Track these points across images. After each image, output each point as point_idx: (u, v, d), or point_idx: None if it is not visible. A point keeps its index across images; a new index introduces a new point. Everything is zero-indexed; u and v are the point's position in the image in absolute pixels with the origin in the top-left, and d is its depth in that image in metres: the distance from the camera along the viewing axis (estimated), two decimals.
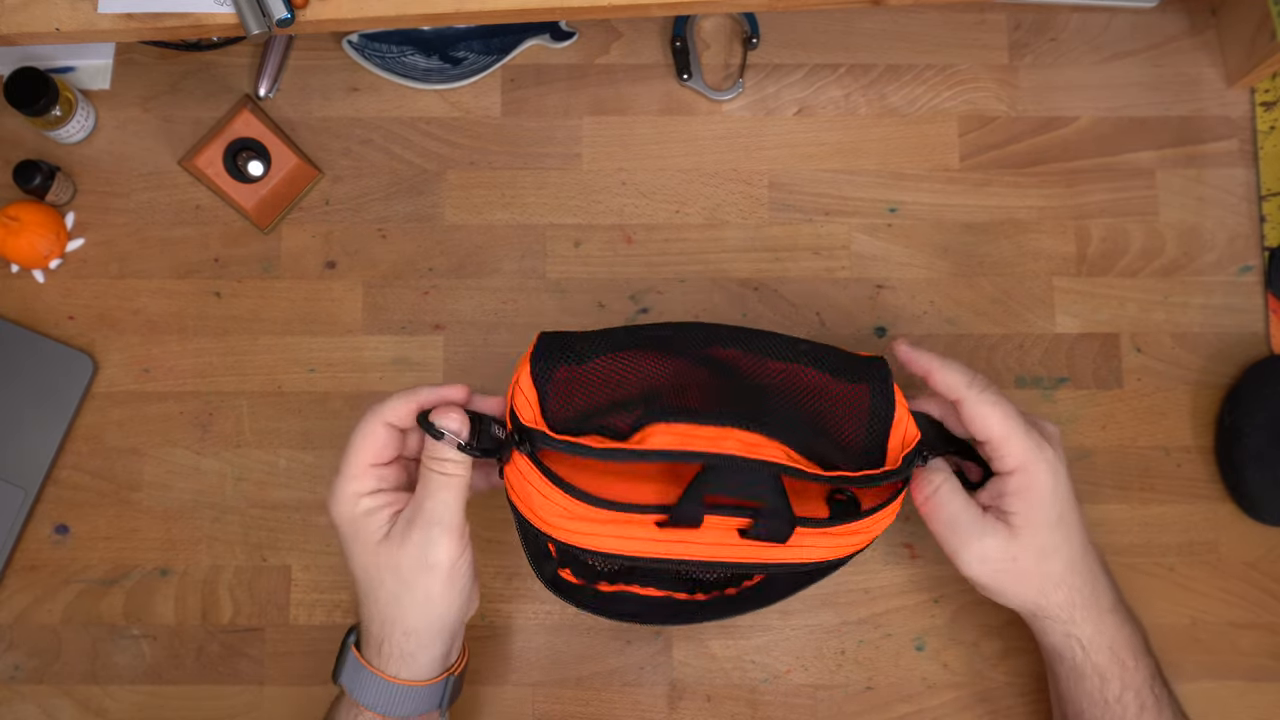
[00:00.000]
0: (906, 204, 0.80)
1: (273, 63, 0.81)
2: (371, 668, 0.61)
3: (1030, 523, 0.63)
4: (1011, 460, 0.62)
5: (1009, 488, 0.63)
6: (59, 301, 0.79)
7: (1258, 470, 0.74)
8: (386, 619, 0.61)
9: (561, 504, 0.58)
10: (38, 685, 0.74)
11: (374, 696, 0.61)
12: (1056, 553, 0.64)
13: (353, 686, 0.62)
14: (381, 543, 0.60)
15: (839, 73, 0.82)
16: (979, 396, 0.62)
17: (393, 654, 0.61)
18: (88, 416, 0.77)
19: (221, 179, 0.78)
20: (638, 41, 0.82)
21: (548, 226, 0.80)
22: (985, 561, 0.63)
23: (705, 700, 0.74)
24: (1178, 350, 0.79)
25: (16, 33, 0.67)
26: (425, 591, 0.59)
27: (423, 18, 0.68)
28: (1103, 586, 0.65)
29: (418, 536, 0.59)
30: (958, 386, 0.63)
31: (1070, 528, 0.64)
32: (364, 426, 0.61)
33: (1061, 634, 0.64)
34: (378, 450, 0.61)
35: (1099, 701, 0.64)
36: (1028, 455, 0.62)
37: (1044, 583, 0.64)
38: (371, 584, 0.60)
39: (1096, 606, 0.64)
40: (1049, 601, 0.64)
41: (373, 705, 0.61)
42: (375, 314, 0.79)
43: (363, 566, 0.61)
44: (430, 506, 0.59)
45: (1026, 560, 0.63)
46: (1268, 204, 0.80)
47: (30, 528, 0.76)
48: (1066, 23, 0.82)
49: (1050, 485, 0.63)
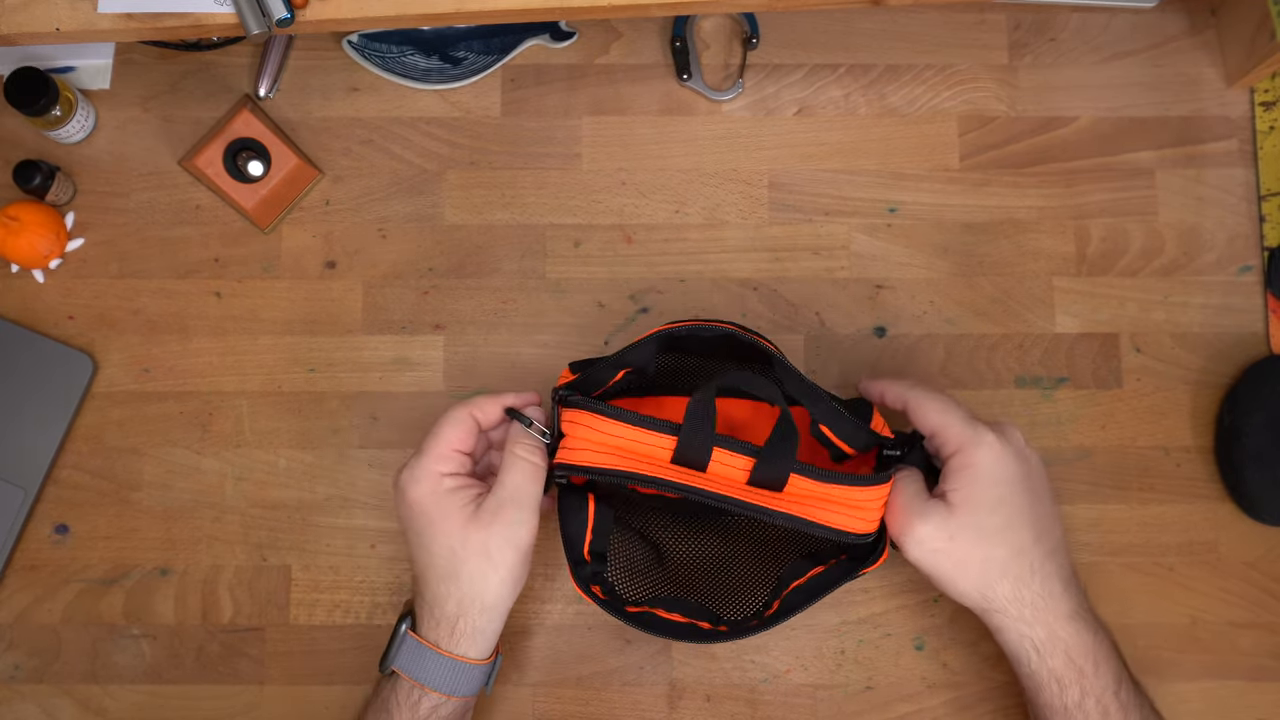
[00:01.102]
0: (906, 204, 0.80)
1: (273, 63, 0.81)
2: (440, 650, 0.64)
3: (967, 500, 0.63)
4: (952, 443, 0.64)
5: (951, 467, 0.64)
6: (59, 301, 0.79)
7: (1257, 470, 0.74)
8: (466, 596, 0.64)
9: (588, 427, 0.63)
10: (38, 685, 0.74)
11: (442, 677, 0.64)
12: (998, 537, 0.63)
13: (415, 670, 0.64)
14: (470, 521, 0.63)
15: (839, 73, 0.82)
16: (919, 394, 0.66)
17: (466, 631, 0.64)
18: (88, 416, 0.77)
19: (221, 179, 0.78)
20: (638, 41, 0.82)
21: (548, 226, 0.80)
22: (923, 542, 0.63)
23: (705, 700, 0.74)
24: (1177, 350, 0.79)
25: (16, 33, 0.67)
26: (509, 569, 0.64)
27: (423, 18, 0.68)
28: (1060, 590, 0.64)
29: (509, 516, 0.63)
30: (902, 392, 0.67)
31: (1018, 515, 0.64)
32: (453, 414, 0.66)
33: (1015, 634, 0.64)
34: (463, 437, 0.66)
35: (1058, 709, 0.63)
36: (964, 437, 0.64)
37: (987, 569, 0.63)
38: (455, 561, 0.63)
39: (1051, 610, 0.63)
40: (995, 593, 0.63)
41: (439, 686, 0.64)
42: (375, 314, 0.79)
43: (446, 545, 0.64)
44: (520, 492, 0.64)
45: (964, 541, 0.63)
46: (1267, 204, 0.80)
47: (30, 527, 0.76)
48: (1066, 23, 0.82)
49: (988, 465, 0.63)
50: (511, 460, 0.65)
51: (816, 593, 0.65)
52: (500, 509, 0.64)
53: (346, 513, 0.76)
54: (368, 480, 0.77)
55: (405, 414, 0.77)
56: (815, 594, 0.65)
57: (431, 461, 0.65)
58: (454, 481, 0.65)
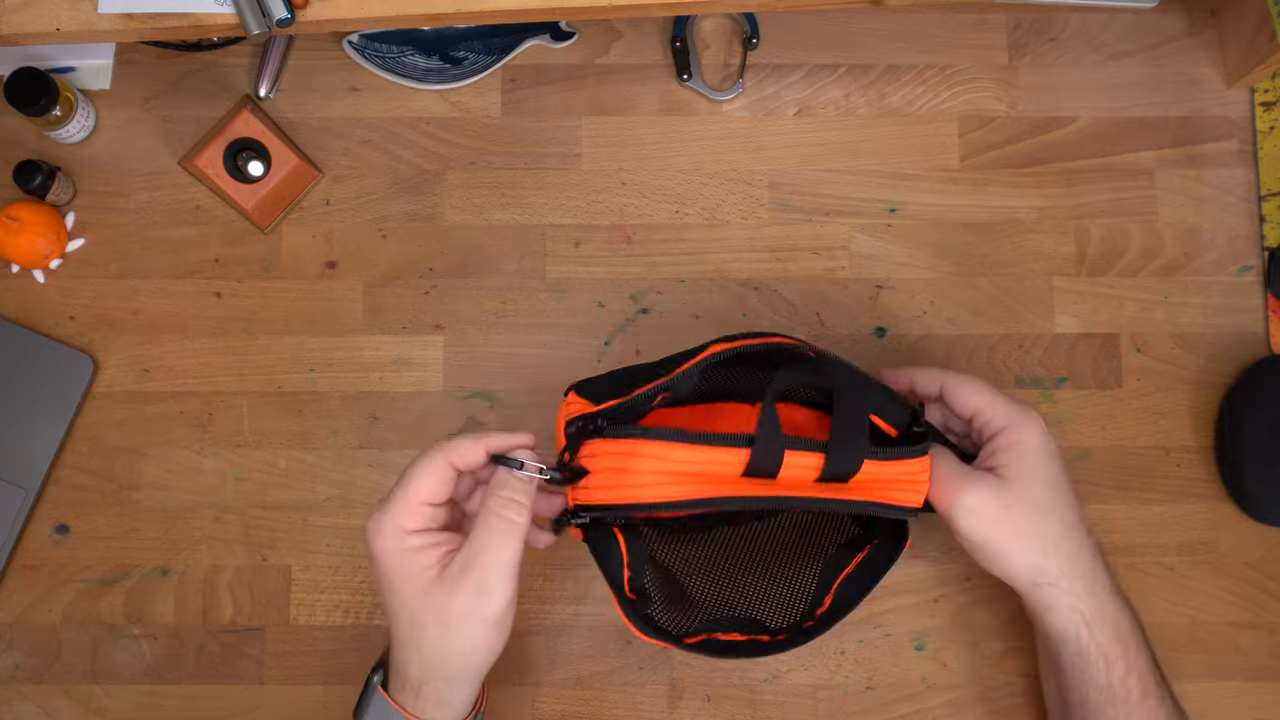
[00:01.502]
0: (906, 204, 0.80)
1: (273, 63, 0.81)
2: (407, 714, 0.59)
3: (1021, 475, 0.63)
4: (998, 420, 0.65)
5: (999, 445, 0.64)
6: (59, 301, 0.79)
7: (1257, 470, 0.74)
8: (428, 663, 0.59)
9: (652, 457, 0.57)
10: (38, 685, 0.74)
11: None
12: (1052, 510, 0.63)
13: None
14: (432, 585, 0.57)
15: (839, 73, 0.82)
16: (956, 378, 0.66)
17: (431, 698, 0.59)
18: (88, 416, 0.77)
19: (221, 179, 0.78)
20: (638, 41, 0.82)
21: (548, 226, 0.80)
22: (978, 512, 0.63)
23: (705, 700, 0.74)
24: (1177, 350, 0.79)
25: (16, 33, 0.67)
26: (472, 640, 0.58)
27: (423, 18, 0.68)
28: (1100, 567, 0.65)
29: (473, 584, 0.57)
30: (936, 378, 0.67)
31: (1065, 495, 0.64)
32: (426, 462, 0.59)
33: (1066, 608, 0.63)
34: (435, 489, 0.59)
35: (1103, 686, 0.63)
36: (1012, 415, 0.64)
37: (1042, 542, 0.63)
38: (415, 626, 0.58)
39: (1098, 582, 0.64)
40: (1048, 564, 0.63)
41: None
42: (375, 314, 0.79)
43: (407, 608, 0.58)
44: (489, 558, 0.57)
45: (1021, 512, 0.63)
46: (1267, 204, 0.80)
47: (30, 528, 0.76)
48: (1066, 23, 0.82)
49: (1039, 442, 0.64)
50: (484, 519, 0.58)
51: (867, 582, 0.65)
52: (464, 576, 0.57)
53: (346, 513, 0.76)
54: (368, 480, 0.77)
55: (405, 414, 0.77)
56: (866, 584, 0.65)
57: (397, 515, 0.58)
58: (419, 540, 0.58)
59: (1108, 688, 0.63)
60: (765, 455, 0.59)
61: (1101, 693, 0.63)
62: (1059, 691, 0.67)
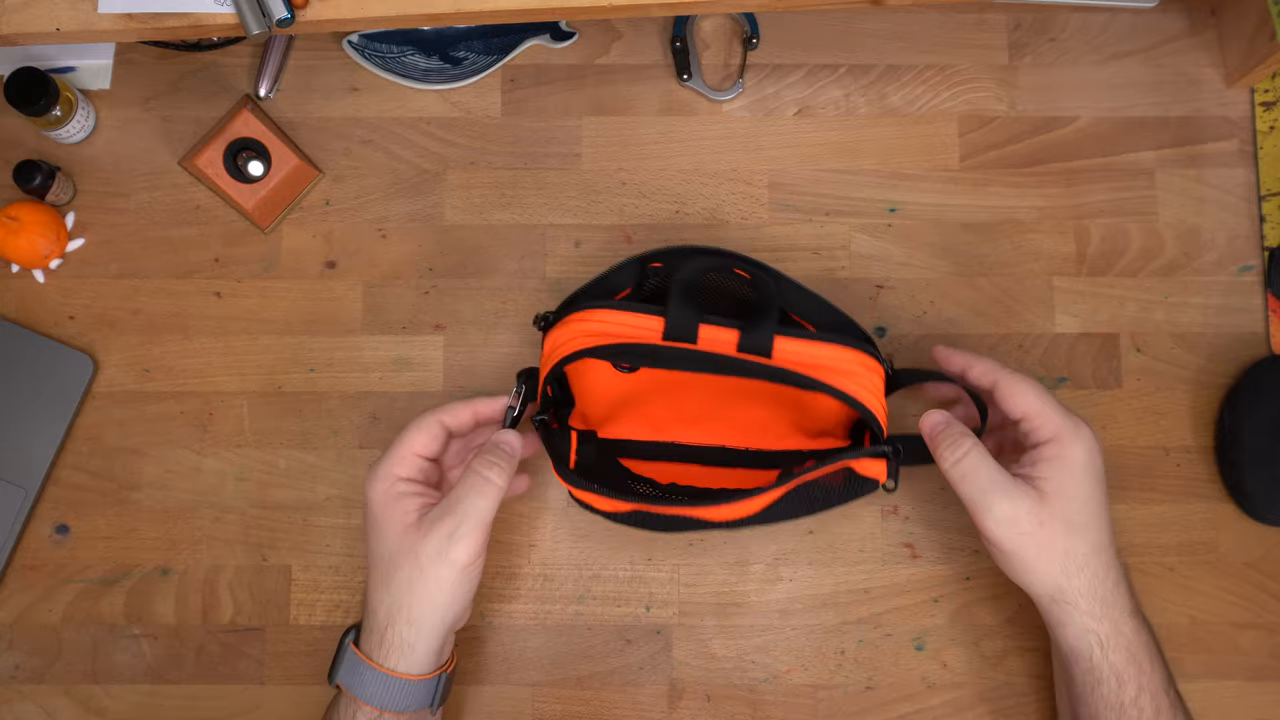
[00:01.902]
0: (906, 204, 0.80)
1: (273, 63, 0.81)
2: (370, 661, 0.62)
3: (1061, 491, 0.63)
4: (1047, 430, 0.64)
5: (1043, 455, 0.64)
6: (59, 301, 0.79)
7: (1257, 470, 0.74)
8: (395, 605, 0.62)
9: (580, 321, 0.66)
10: (38, 685, 0.74)
11: (371, 690, 0.62)
12: (1084, 531, 0.63)
13: (350, 682, 0.63)
14: (411, 527, 0.63)
15: (839, 73, 0.82)
16: (1013, 376, 0.66)
17: (394, 643, 0.62)
18: (88, 416, 0.77)
19: (221, 179, 0.78)
20: (638, 41, 0.82)
21: (548, 226, 0.80)
22: (1011, 523, 0.63)
23: (705, 700, 0.74)
24: (1177, 350, 0.79)
25: (16, 33, 0.67)
26: (437, 582, 0.62)
27: (423, 18, 0.68)
28: (1124, 590, 0.65)
29: (445, 528, 0.62)
30: (993, 370, 0.67)
31: (1099, 515, 0.64)
32: (420, 419, 0.67)
33: (1080, 628, 0.63)
34: (426, 442, 0.66)
35: (1114, 705, 0.63)
36: (1064, 426, 0.64)
37: (1067, 561, 0.63)
38: (389, 567, 0.63)
39: (1117, 605, 0.64)
40: (1070, 584, 0.63)
41: (369, 699, 0.62)
42: (375, 314, 0.79)
43: (386, 547, 0.63)
44: (466, 506, 0.63)
45: (1053, 529, 0.63)
46: (1267, 204, 0.80)
47: (30, 528, 0.76)
48: (1066, 23, 0.82)
49: (1085, 460, 0.64)
50: (467, 475, 0.64)
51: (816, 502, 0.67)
52: (441, 519, 0.62)
53: (346, 513, 0.76)
54: None
55: (405, 414, 0.77)
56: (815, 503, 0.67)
57: (391, 463, 0.65)
58: (407, 486, 0.65)
59: (1119, 706, 0.63)
60: (678, 324, 0.64)
61: (1112, 710, 0.63)
62: (1071, 704, 0.67)
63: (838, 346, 0.65)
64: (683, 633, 0.75)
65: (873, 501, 0.76)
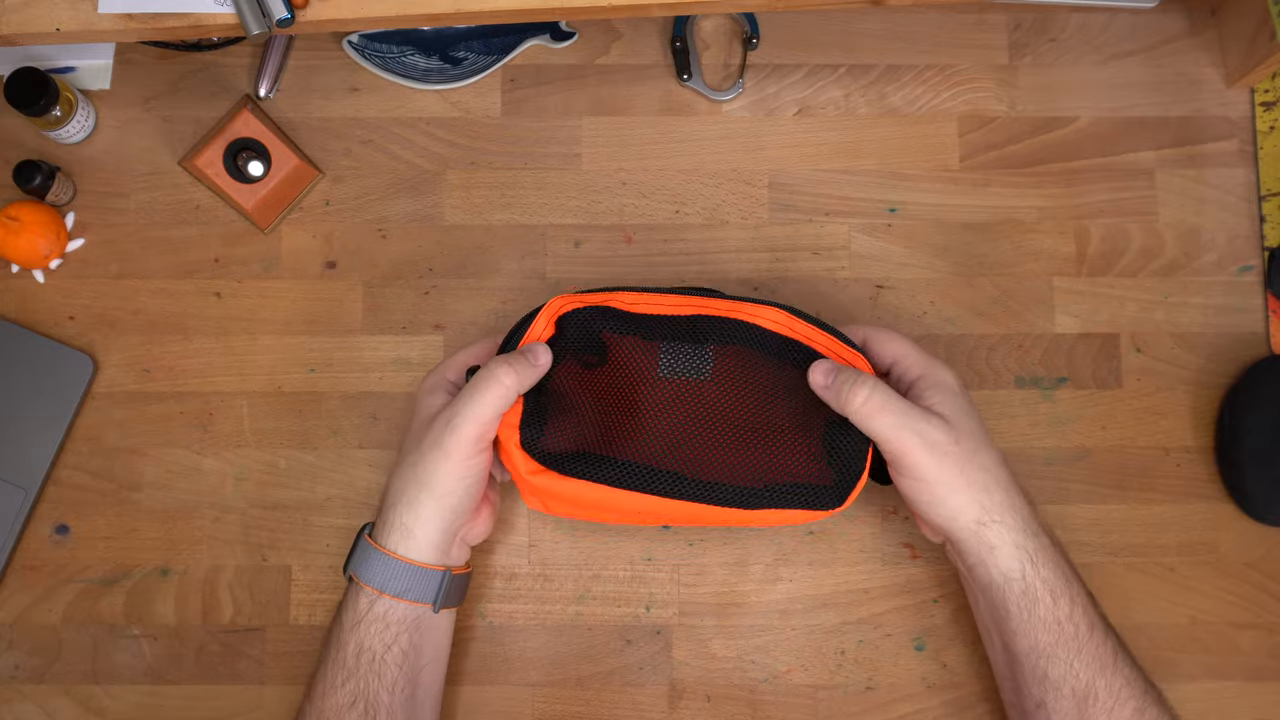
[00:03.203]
0: (906, 204, 0.80)
1: (273, 63, 0.81)
2: (374, 544, 0.65)
3: (955, 412, 0.64)
4: (917, 368, 0.67)
5: (924, 385, 0.66)
6: (59, 301, 0.79)
7: (1257, 470, 0.74)
8: (399, 489, 0.65)
9: None
10: (38, 685, 0.74)
11: (370, 570, 0.65)
12: (986, 447, 0.65)
13: (358, 565, 0.66)
14: (428, 419, 0.66)
15: (839, 73, 0.82)
16: (878, 329, 0.69)
17: (394, 525, 0.65)
18: (88, 416, 0.77)
19: (221, 179, 0.78)
20: (638, 41, 0.82)
21: (548, 226, 0.80)
22: (933, 445, 0.63)
23: (705, 700, 0.74)
24: (1177, 350, 0.79)
25: (16, 33, 0.67)
26: (434, 467, 0.64)
27: (423, 18, 0.68)
28: (1027, 500, 0.65)
29: (446, 417, 0.64)
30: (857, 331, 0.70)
31: (985, 434, 0.66)
32: (479, 342, 0.71)
33: (1011, 545, 0.63)
34: (479, 354, 0.70)
35: (1051, 623, 0.63)
36: (930, 363, 0.67)
37: (984, 476, 0.63)
38: (403, 454, 0.67)
39: (1033, 519, 0.64)
40: (993, 501, 0.63)
41: (369, 579, 0.65)
42: (375, 314, 0.79)
43: (411, 436, 0.67)
44: (468, 398, 0.64)
45: (966, 445, 0.63)
46: (1267, 204, 0.80)
47: (30, 528, 0.76)
48: (1066, 23, 0.82)
49: (958, 385, 0.66)
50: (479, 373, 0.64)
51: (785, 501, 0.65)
52: (444, 411, 0.65)
53: (346, 513, 0.76)
54: (368, 480, 0.77)
55: (405, 414, 0.77)
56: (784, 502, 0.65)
57: (443, 368, 0.69)
58: (451, 387, 0.68)
59: (1056, 624, 0.63)
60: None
61: (1050, 631, 0.63)
62: (1004, 645, 0.65)
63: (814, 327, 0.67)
64: (683, 633, 0.75)
65: (873, 502, 0.76)
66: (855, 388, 0.63)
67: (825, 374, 0.65)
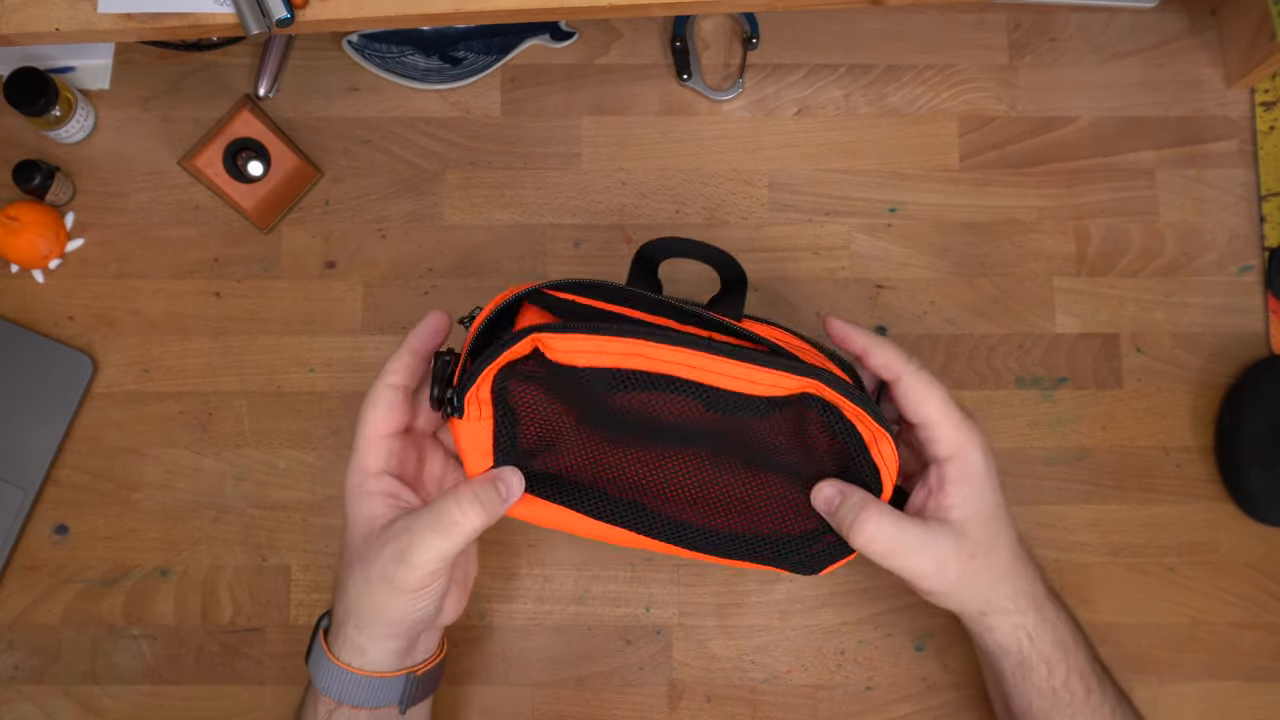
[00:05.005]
0: (906, 204, 0.80)
1: (273, 63, 0.81)
2: (329, 654, 0.61)
3: (972, 515, 0.61)
4: (945, 446, 0.60)
5: (947, 475, 0.61)
6: (59, 301, 0.79)
7: (1258, 470, 0.74)
8: (347, 608, 0.60)
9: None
10: (38, 685, 0.74)
11: (327, 681, 0.61)
12: (999, 541, 0.62)
13: (315, 669, 0.62)
14: (372, 535, 0.59)
15: (839, 73, 0.82)
16: (917, 374, 0.61)
17: (345, 643, 0.60)
18: (88, 416, 0.77)
19: (221, 179, 0.78)
20: (638, 41, 0.82)
21: (548, 226, 0.80)
22: (941, 573, 0.60)
23: (705, 700, 0.74)
24: (1178, 350, 0.79)
25: (16, 33, 0.67)
26: (383, 599, 0.59)
27: (423, 18, 0.68)
28: (1039, 577, 0.64)
29: (398, 551, 0.57)
30: (896, 364, 0.61)
31: (1004, 516, 0.63)
32: (369, 398, 0.61)
33: (1010, 625, 0.62)
34: (385, 416, 0.61)
35: (1046, 691, 0.63)
36: (962, 437, 0.60)
37: (994, 574, 0.62)
38: (349, 568, 0.60)
39: (1037, 594, 0.63)
40: (997, 593, 0.62)
41: (325, 690, 0.61)
42: (375, 314, 0.79)
43: (351, 548, 0.60)
44: (424, 537, 0.57)
45: (978, 558, 0.61)
46: (1268, 204, 0.80)
47: (30, 528, 0.76)
48: (1066, 23, 0.82)
49: (984, 469, 0.61)
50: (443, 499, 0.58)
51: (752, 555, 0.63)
52: (395, 539, 0.58)
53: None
54: None
55: None
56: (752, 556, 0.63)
57: (358, 456, 0.61)
58: (376, 484, 0.60)
59: (1050, 692, 0.63)
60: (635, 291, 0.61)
61: (1045, 698, 0.63)
62: (1004, 700, 0.66)
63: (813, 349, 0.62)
64: (683, 633, 0.75)
65: None
66: (859, 525, 0.59)
67: (828, 500, 0.61)
